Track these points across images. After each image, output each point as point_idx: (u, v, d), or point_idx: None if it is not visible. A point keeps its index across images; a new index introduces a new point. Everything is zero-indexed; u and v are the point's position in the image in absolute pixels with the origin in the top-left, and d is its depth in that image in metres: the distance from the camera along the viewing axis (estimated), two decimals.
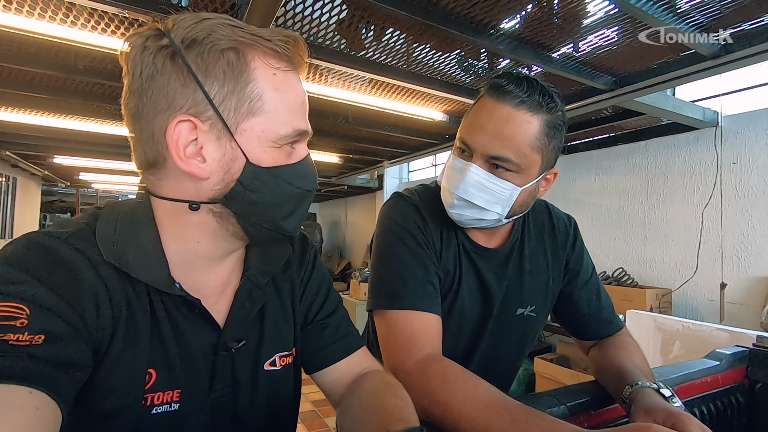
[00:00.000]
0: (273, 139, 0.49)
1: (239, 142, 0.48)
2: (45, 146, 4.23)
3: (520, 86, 0.68)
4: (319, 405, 3.21)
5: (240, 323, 0.56)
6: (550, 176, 0.78)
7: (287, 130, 0.50)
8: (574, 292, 0.88)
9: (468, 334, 0.82)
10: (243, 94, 0.47)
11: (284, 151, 0.51)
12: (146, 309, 0.49)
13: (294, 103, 0.51)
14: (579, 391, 0.71)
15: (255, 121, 0.48)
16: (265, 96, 0.48)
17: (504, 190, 0.71)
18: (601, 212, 3.22)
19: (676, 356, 1.80)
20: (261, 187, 0.49)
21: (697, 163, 2.68)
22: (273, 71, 0.49)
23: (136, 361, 0.47)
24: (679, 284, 2.70)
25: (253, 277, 0.57)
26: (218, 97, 0.47)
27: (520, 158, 0.69)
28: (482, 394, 0.59)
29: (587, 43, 1.82)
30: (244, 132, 0.48)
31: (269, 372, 0.59)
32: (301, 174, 0.53)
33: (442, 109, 2.84)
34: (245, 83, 0.47)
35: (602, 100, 2.26)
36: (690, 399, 0.78)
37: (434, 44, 1.90)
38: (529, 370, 3.05)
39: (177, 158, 0.47)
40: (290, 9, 1.62)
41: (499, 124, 0.68)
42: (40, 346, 0.38)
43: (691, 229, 2.68)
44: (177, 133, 0.46)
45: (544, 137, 0.70)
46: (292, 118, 0.50)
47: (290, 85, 0.50)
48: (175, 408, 0.50)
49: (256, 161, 0.49)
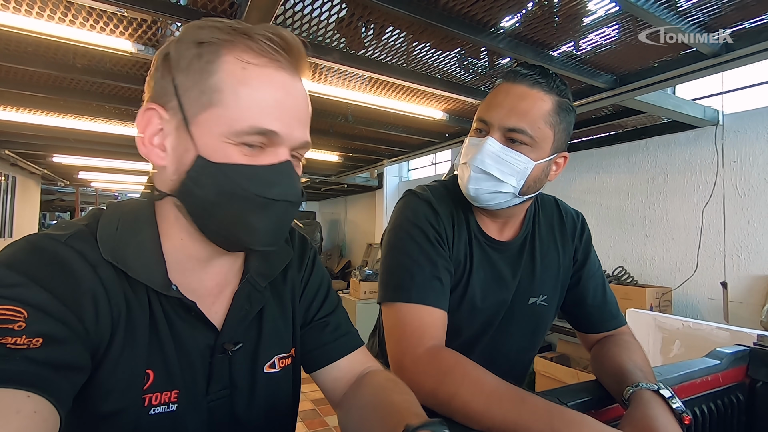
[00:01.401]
0: (226, 134, 0.46)
1: (193, 134, 0.47)
2: (44, 145, 4.23)
3: (534, 71, 0.75)
4: (319, 404, 3.22)
5: (238, 326, 0.56)
6: (561, 160, 0.81)
7: (243, 126, 0.46)
8: (581, 282, 0.90)
9: (480, 323, 0.84)
10: (205, 87, 0.47)
11: (241, 150, 0.47)
12: (145, 310, 0.49)
13: (263, 100, 0.47)
14: (580, 391, 0.71)
15: (212, 112, 0.46)
16: (225, 88, 0.46)
17: (519, 162, 0.74)
18: (602, 211, 3.22)
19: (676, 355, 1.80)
20: (208, 183, 0.47)
21: (697, 161, 2.68)
22: (243, 65, 0.47)
23: (134, 361, 0.47)
24: (680, 283, 2.70)
25: (252, 279, 0.57)
26: (182, 87, 0.48)
27: (534, 131, 0.73)
28: (489, 383, 0.61)
29: (588, 41, 1.82)
30: (200, 124, 0.47)
31: (269, 374, 0.58)
32: (263, 179, 0.48)
33: (442, 108, 2.83)
34: (208, 74, 0.47)
35: (603, 99, 2.26)
36: (690, 398, 0.78)
37: (434, 43, 1.89)
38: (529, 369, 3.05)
39: (140, 143, 0.49)
40: (290, 7, 1.62)
41: (516, 99, 0.74)
42: (38, 350, 0.38)
43: (692, 227, 2.68)
44: (146, 119, 0.49)
45: (555, 115, 0.75)
46: (255, 115, 0.46)
47: (263, 81, 0.47)
48: (173, 409, 0.50)
49: (206, 155, 0.47)
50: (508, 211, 0.82)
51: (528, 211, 0.87)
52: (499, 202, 0.78)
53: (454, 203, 0.82)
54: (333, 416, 2.05)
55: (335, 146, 4.20)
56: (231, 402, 0.55)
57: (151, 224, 0.51)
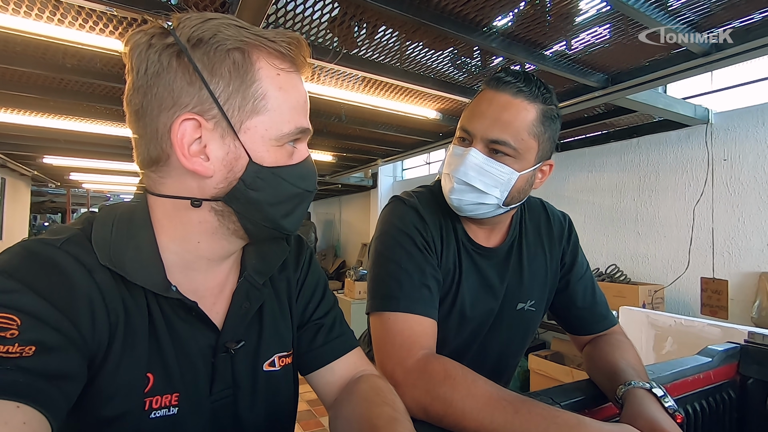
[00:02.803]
0: (276, 138, 0.50)
1: (243, 141, 0.48)
2: (34, 146, 4.17)
3: (518, 78, 0.73)
4: (314, 404, 3.21)
5: (238, 324, 0.56)
6: (546, 168, 0.80)
7: (290, 128, 0.50)
8: (570, 285, 0.89)
9: (469, 331, 0.83)
10: (247, 94, 0.48)
11: (286, 151, 0.51)
12: (144, 313, 0.48)
13: (297, 103, 0.51)
14: (573, 390, 0.71)
15: (258, 119, 0.49)
16: (269, 95, 0.49)
17: (503, 174, 0.73)
18: (594, 209, 3.24)
19: (669, 352, 1.81)
20: (263, 186, 0.50)
21: (688, 159, 2.70)
22: (277, 71, 0.50)
23: (134, 366, 0.47)
24: (672, 280, 2.72)
25: (250, 277, 0.57)
26: (223, 96, 0.47)
27: (517, 142, 0.72)
28: (483, 389, 0.60)
29: (580, 40, 1.83)
30: (248, 131, 0.49)
31: (268, 373, 0.58)
32: (302, 174, 0.53)
33: (435, 107, 2.83)
34: (250, 83, 0.48)
35: (595, 98, 2.27)
36: (682, 396, 0.78)
37: (427, 42, 1.89)
38: (523, 367, 3.07)
39: (181, 156, 0.47)
40: (282, 6, 1.61)
41: (499, 110, 0.72)
42: (31, 358, 0.37)
43: (683, 225, 2.70)
44: (182, 131, 0.47)
45: (540, 125, 0.73)
46: (295, 117, 0.51)
47: (293, 85, 0.51)
48: (173, 412, 0.49)
49: (258, 160, 0.49)
50: (493, 219, 0.81)
51: (514, 216, 0.87)
52: (482, 212, 0.77)
53: (441, 210, 0.81)
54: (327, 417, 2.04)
55: (329, 146, 4.19)
56: (234, 402, 0.55)
57: (147, 226, 0.50)
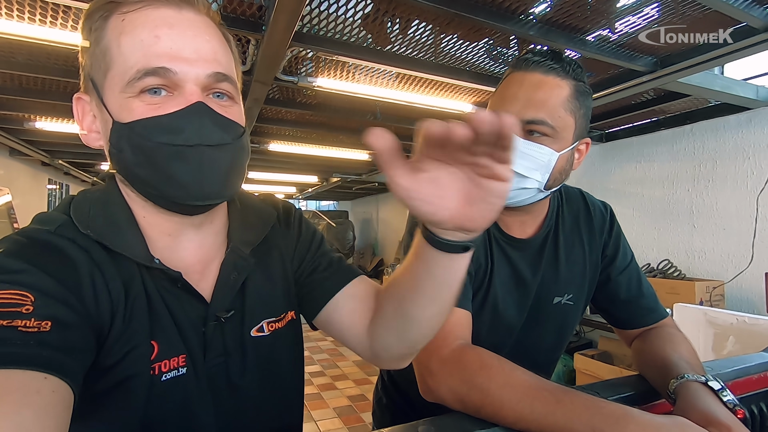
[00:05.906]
0: (123, 89, 0.45)
1: (106, 104, 0.47)
2: (93, 154, 4.49)
3: (546, 57, 0.71)
4: (355, 400, 3.25)
5: (227, 294, 0.56)
6: (583, 147, 0.78)
7: (131, 73, 0.45)
8: (612, 278, 0.85)
9: (504, 326, 0.81)
10: (98, 53, 0.47)
11: (144, 101, 0.45)
12: (140, 286, 0.50)
13: (143, 41, 0.45)
14: (621, 385, 0.68)
15: (110, 75, 0.46)
16: (110, 45, 0.46)
17: (542, 155, 0.71)
18: (644, 202, 3.07)
19: (730, 352, 1.69)
20: (125, 146, 0.46)
21: (750, 145, 2.50)
22: (122, 17, 0.46)
23: (138, 336, 0.48)
24: (732, 276, 2.53)
25: (237, 249, 0.57)
26: (88, 65, 0.49)
27: (555, 120, 0.70)
28: (522, 378, 0.58)
29: (625, 22, 1.73)
30: (107, 91, 0.47)
31: (256, 338, 0.58)
32: (169, 127, 0.45)
33: (470, 101, 2.78)
34: (99, 41, 0.47)
35: (642, 83, 2.14)
36: (746, 395, 0.72)
37: (461, 34, 1.86)
38: (569, 366, 2.96)
39: (83, 136, 0.51)
40: (315, 7, 1.63)
41: (531, 89, 0.70)
42: (49, 333, 0.39)
43: (745, 216, 2.50)
44: (78, 111, 0.51)
45: (575, 100, 0.71)
46: (139, 58, 0.45)
47: (140, 23, 0.45)
48: (183, 372, 0.51)
49: (119, 119, 0.46)
50: (529, 207, 0.78)
51: (551, 206, 0.83)
52: (523, 198, 0.74)
53: None
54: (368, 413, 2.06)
55: (365, 144, 4.22)
56: (227, 369, 0.56)
57: (122, 203, 0.52)
